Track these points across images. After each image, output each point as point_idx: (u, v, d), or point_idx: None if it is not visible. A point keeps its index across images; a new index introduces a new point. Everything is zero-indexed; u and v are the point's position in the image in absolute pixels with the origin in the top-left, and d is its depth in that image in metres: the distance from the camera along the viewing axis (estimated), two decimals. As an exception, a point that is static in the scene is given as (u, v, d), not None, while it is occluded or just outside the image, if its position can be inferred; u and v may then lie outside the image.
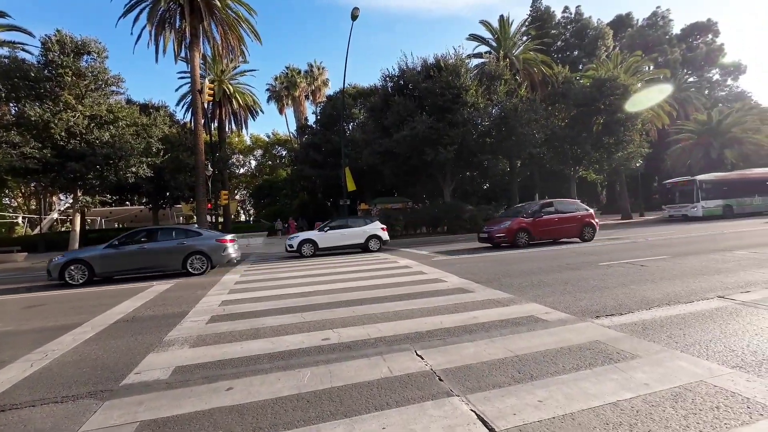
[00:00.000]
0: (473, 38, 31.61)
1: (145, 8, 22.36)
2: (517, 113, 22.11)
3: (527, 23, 34.37)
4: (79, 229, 19.78)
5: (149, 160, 19.48)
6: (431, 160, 21.25)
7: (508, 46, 30.07)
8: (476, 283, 7.12)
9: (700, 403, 2.53)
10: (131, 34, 25.00)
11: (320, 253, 14.78)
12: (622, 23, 44.81)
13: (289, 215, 37.02)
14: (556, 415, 2.47)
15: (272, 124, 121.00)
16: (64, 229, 43.12)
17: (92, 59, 18.39)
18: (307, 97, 49.90)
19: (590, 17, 41.80)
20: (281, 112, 49.92)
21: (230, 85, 35.35)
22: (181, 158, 26.48)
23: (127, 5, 22.44)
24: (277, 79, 48.37)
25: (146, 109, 25.37)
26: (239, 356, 3.92)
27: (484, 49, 31.12)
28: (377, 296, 6.39)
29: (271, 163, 53.41)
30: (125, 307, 6.81)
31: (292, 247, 14.67)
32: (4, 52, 19.85)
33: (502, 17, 30.21)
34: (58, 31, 17.63)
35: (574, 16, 43.06)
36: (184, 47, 23.85)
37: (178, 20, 23.15)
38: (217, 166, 27.93)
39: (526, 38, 32.82)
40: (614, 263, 8.51)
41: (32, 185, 26.24)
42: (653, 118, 30.99)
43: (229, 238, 11.59)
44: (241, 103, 36.15)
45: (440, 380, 3.09)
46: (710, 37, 46.13)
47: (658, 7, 46.70)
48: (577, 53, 41.26)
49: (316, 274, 9.55)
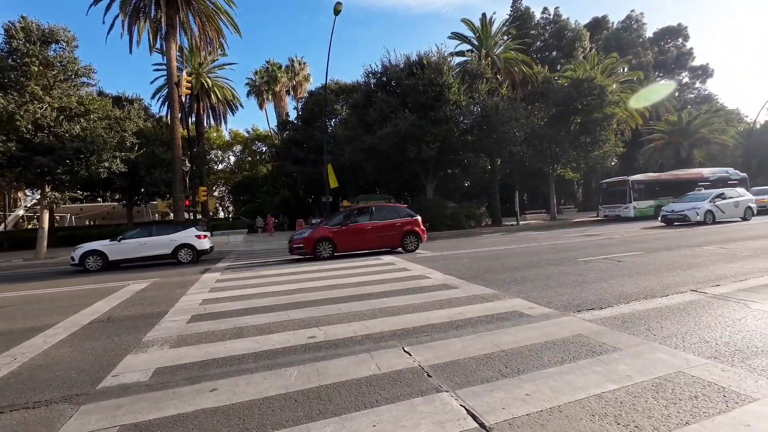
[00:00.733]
0: (455, 36, 31.79)
1: (117, -4, 21.50)
2: (498, 112, 22.40)
3: (508, 23, 34.80)
4: (47, 226, 18.91)
5: (123, 154, 18.76)
6: (414, 157, 21.31)
7: (489, 45, 30.39)
8: (460, 279, 7.18)
9: (679, 393, 2.62)
10: (103, 23, 23.86)
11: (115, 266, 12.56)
12: (598, 25, 45.99)
13: (269, 212, 36.47)
14: (543, 408, 2.51)
15: (252, 119, 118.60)
16: (30, 226, 41.17)
17: (61, 48, 17.53)
18: (288, 92, 49.15)
19: (568, 19, 42.73)
20: (261, 107, 49.00)
21: (208, 78, 34.46)
22: (156, 153, 25.63)
23: (98, -7, 21.53)
24: (257, 73, 47.41)
25: (119, 101, 24.45)
26: (223, 356, 3.83)
27: (466, 47, 31.35)
28: (362, 293, 6.36)
29: (251, 159, 52.39)
30: (99, 307, 6.55)
31: (74, 260, 12.22)
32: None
33: (484, 16, 30.49)
34: (23, 17, 16.71)
35: (552, 17, 43.92)
36: (159, 38, 23.07)
37: (153, 10, 22.36)
38: (194, 161, 27.17)
39: (507, 38, 33.24)
40: (593, 259, 8.75)
41: (-5, 180, 24.92)
42: (627, 118, 32.02)
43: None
44: (219, 97, 35.30)
45: (429, 376, 3.09)
46: (680, 41, 47.97)
47: (632, 10, 48.22)
48: (555, 54, 42.12)
49: (299, 271, 9.43)
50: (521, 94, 27.75)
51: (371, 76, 24.66)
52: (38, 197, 19.25)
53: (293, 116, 41.82)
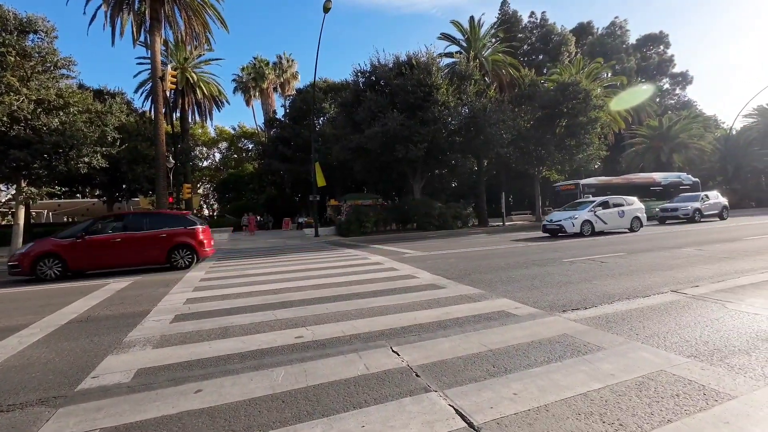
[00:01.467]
0: (444, 37, 31.98)
1: (99, -13, 20.92)
2: (485, 113, 22.62)
3: (496, 26, 35.20)
4: (23, 222, 18.26)
5: (104, 149, 18.24)
6: (402, 157, 21.35)
7: (478, 47, 30.66)
8: (448, 279, 7.22)
9: (661, 391, 2.68)
10: (84, 13, 23.19)
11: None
12: (583, 31, 46.88)
13: (255, 210, 36.00)
14: (531, 407, 2.53)
15: (238, 116, 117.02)
16: (5, 222, 39.74)
17: (39, 39, 16.91)
18: (275, 89, 48.66)
19: (554, 23, 43.46)
20: (248, 104, 48.41)
21: (194, 73, 33.82)
22: (139, 149, 25.05)
23: (79, -18, 20.91)
24: (244, 69, 46.79)
25: (101, 95, 23.79)
26: (208, 356, 3.75)
27: (454, 49, 31.57)
28: (350, 293, 6.33)
29: (237, 156, 51.66)
30: (78, 306, 6.35)
31: None
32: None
33: (472, 18, 30.76)
34: (-2, 5, 16.11)
35: (539, 21, 44.58)
36: (144, 31, 22.56)
37: (137, 2, 21.83)
38: (179, 158, 26.66)
39: (495, 40, 33.60)
40: (577, 260, 8.91)
41: (-32, 174, 23.97)
42: (611, 122, 32.72)
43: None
44: (205, 92, 34.69)
45: (417, 376, 3.09)
46: (662, 48, 49.28)
47: (616, 17, 49.46)
48: (542, 57, 42.78)
49: (286, 270, 9.34)
50: (508, 96, 28.07)
51: (360, 75, 24.61)
52: (14, 192, 18.58)
53: (281, 114, 41.46)
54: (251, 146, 49.54)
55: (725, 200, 21.78)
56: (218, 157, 53.12)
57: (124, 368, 3.55)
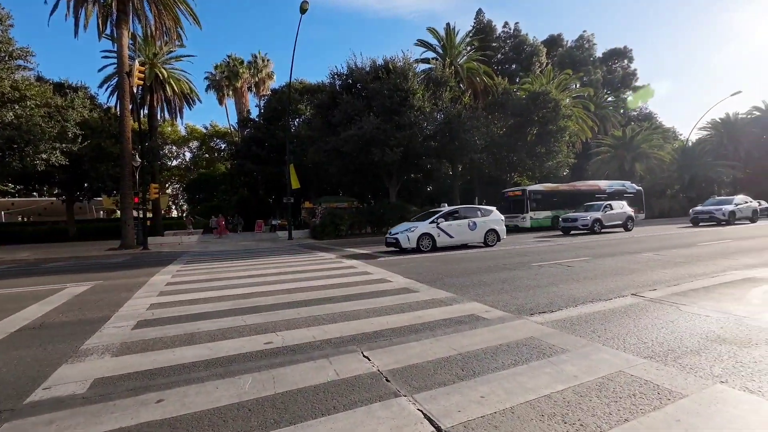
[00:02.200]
0: (421, 44, 32.41)
1: (62, -25, 19.88)
2: (460, 119, 23.05)
3: (471, 34, 35.98)
4: (-29, 222, 17.03)
5: (64, 146, 17.34)
6: (378, 160, 21.40)
7: (453, 54, 31.24)
8: (420, 283, 7.28)
9: (620, 391, 2.80)
10: (45, 2, 21.85)
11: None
12: (554, 42, 48.68)
13: (227, 212, 35.06)
14: (497, 410, 2.58)
15: (211, 115, 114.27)
16: (-50, 221, 37.02)
17: (-7, 27, 15.94)
18: (249, 89, 47.73)
19: (527, 34, 44.86)
20: (221, 102, 47.28)
21: (164, 69, 32.64)
22: (103, 146, 23.92)
23: (39, -31, 19.78)
24: (217, 67, 45.67)
25: (61, 89, 22.61)
26: (171, 364, 3.61)
27: (430, 55, 32.07)
28: (323, 297, 6.27)
29: (208, 156, 50.23)
30: (32, 312, 5.98)
31: None
32: None
33: (448, 26, 31.34)
34: (-52, -10, 15.06)
35: (512, 31, 45.94)
36: (110, 24, 21.57)
37: (103, -7, 20.86)
38: (146, 156, 25.64)
39: (470, 48, 34.34)
40: (545, 264, 9.19)
41: None
42: (579, 131, 34.08)
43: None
44: (176, 89, 33.52)
45: (387, 381, 3.09)
46: (626, 62, 51.86)
47: (584, 31, 51.64)
48: (514, 67, 44.06)
49: (257, 274, 9.14)
50: (482, 103, 28.76)
51: (337, 77, 24.55)
52: (-39, 190, 17.32)
53: (255, 114, 40.70)
54: (224, 146, 48.32)
55: (631, 210, 20.46)
56: (189, 156, 51.47)
57: (79, 378, 3.36)
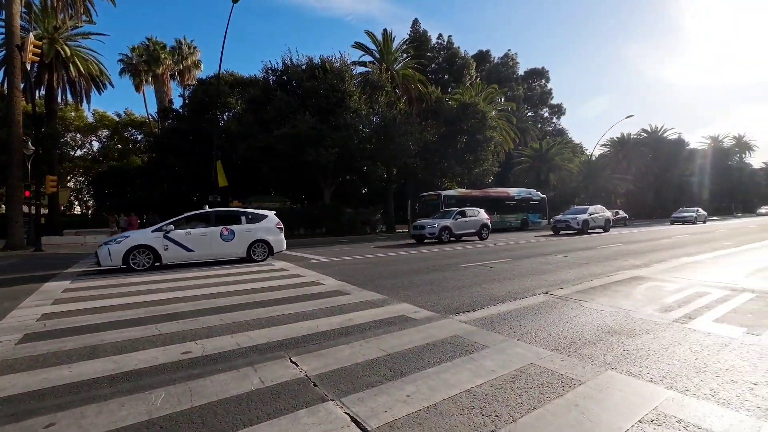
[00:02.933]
0: (358, 46, 32.56)
1: None
2: (395, 124, 23.60)
3: (407, 42, 37.08)
4: None
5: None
6: (312, 160, 21.06)
7: (390, 60, 31.87)
8: (353, 285, 7.29)
9: (530, 382, 3.07)
10: None
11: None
12: (483, 58, 52.09)
13: (144, 209, 31.85)
14: (422, 407, 2.68)
15: (126, 101, 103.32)
16: None
17: None
18: (173, 76, 44.04)
19: (459, 48, 47.45)
20: (138, 89, 42.93)
21: (67, 46, 28.69)
22: (-16, 129, 20.34)
23: None
24: (134, 50, 41.42)
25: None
26: (66, 383, 3.18)
27: (368, 59, 32.34)
28: (250, 302, 5.98)
29: (121, 147, 45.22)
30: None
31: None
32: None
33: (385, 31, 31.89)
34: None
35: (446, 43, 48.25)
36: (-4, -13, 18.46)
37: (-12, -50, 17.82)
38: (42, 143, 22.33)
39: (406, 56, 35.31)
40: (470, 265, 9.76)
41: None
42: (503, 142, 36.82)
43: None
44: (81, 70, 29.64)
45: (315, 386, 3.04)
46: (543, 81, 57.28)
47: (509, 49, 55.92)
48: (447, 77, 46.27)
49: (177, 278, 8.43)
50: (416, 110, 29.75)
51: (271, 72, 23.74)
52: None
53: (178, 104, 37.64)
54: (140, 137, 43.90)
55: (487, 218, 19.30)
56: (97, 146, 45.85)
57: (-60, 406, 2.81)
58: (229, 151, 27.03)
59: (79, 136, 43.33)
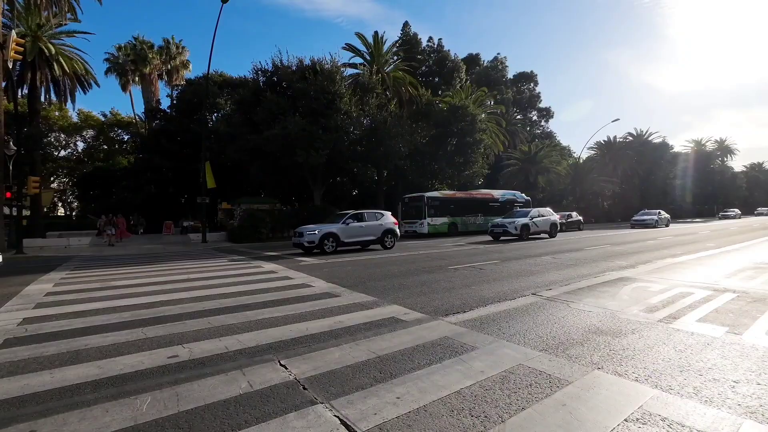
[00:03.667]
0: (349, 48, 32.53)
1: None
2: (386, 126, 23.62)
3: (398, 45, 37.18)
4: None
5: None
6: (302, 162, 20.94)
7: (380, 62, 31.92)
8: (343, 287, 7.26)
9: (519, 382, 3.10)
10: None
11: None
12: (473, 61, 52.47)
13: (129, 211, 31.26)
14: (411, 409, 2.68)
15: (112, 102, 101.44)
16: None
17: None
18: (160, 76, 43.38)
19: (449, 51, 47.65)
20: (125, 89, 42.19)
21: (51, 45, 28.10)
22: (-37, 128, 19.74)
23: None
24: (120, 49, 40.70)
25: None
26: (48, 389, 3.10)
27: (358, 60, 32.33)
28: (238, 304, 5.92)
29: (107, 147, 44.34)
30: None
31: None
32: None
33: (376, 34, 31.93)
34: None
35: (436, 46, 48.46)
36: (-23, -17, 18.00)
37: (-31, -55, 17.37)
38: (24, 143, 21.81)
39: (396, 58, 35.41)
40: (460, 267, 9.81)
41: None
42: (492, 144, 37.13)
43: None
44: (66, 69, 29.03)
45: (304, 389, 3.02)
46: (532, 85, 57.90)
47: (498, 53, 56.84)
48: (437, 80, 46.45)
49: (163, 281, 8.30)
50: (407, 112, 29.82)
51: (261, 73, 23.59)
52: None
53: (166, 104, 37.17)
54: (127, 137, 43.13)
55: (394, 222, 16.11)
56: (82, 146, 44.87)
57: None
58: (218, 152, 26.75)
59: (63, 136, 42.35)
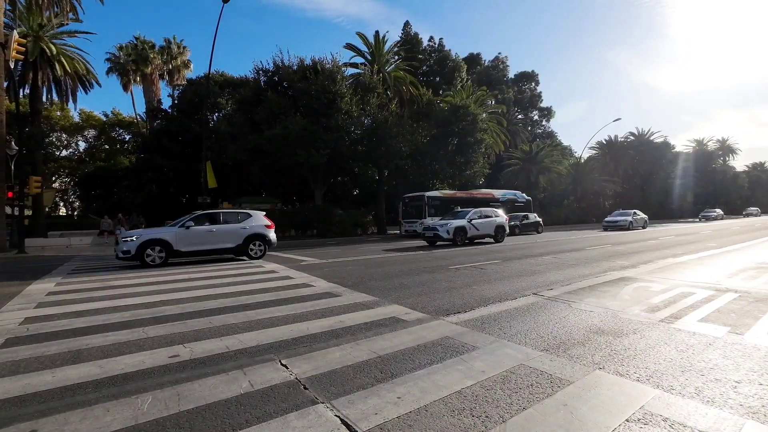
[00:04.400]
0: (350, 48, 32.54)
1: None
2: (387, 126, 23.62)
3: (399, 45, 37.15)
4: None
5: None
6: (303, 161, 20.96)
7: (381, 62, 31.91)
8: (344, 287, 7.26)
9: (520, 382, 3.09)
10: None
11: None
12: (473, 60, 52.43)
13: (129, 211, 31.29)
14: (412, 409, 2.68)
15: (113, 101, 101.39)
16: None
17: None
18: (162, 76, 43.38)
19: (450, 50, 47.62)
20: (126, 89, 42.18)
21: (53, 44, 28.16)
22: (-35, 128, 19.79)
23: None
24: (122, 49, 40.71)
25: None
26: (49, 388, 3.11)
27: (359, 60, 32.35)
28: (239, 304, 5.92)
29: (108, 147, 44.40)
30: None
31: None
32: None
33: (377, 33, 31.93)
34: None
35: (437, 46, 48.42)
36: (-21, -17, 18.03)
37: (-30, -55, 17.40)
38: (26, 143, 21.86)
39: (397, 58, 35.41)
40: (461, 266, 9.80)
41: None
42: (493, 144, 37.10)
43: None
44: (67, 69, 29.09)
45: (305, 389, 3.02)
46: (533, 85, 57.83)
47: (499, 53, 56.74)
48: (438, 79, 46.43)
49: (165, 281, 8.31)
50: (408, 112, 29.82)
51: (262, 73, 23.62)
52: None
53: (167, 104, 37.21)
54: (128, 137, 43.19)
55: (263, 224, 13.97)
56: (83, 146, 44.94)
57: None
58: (219, 152, 26.76)
59: (64, 136, 42.43)
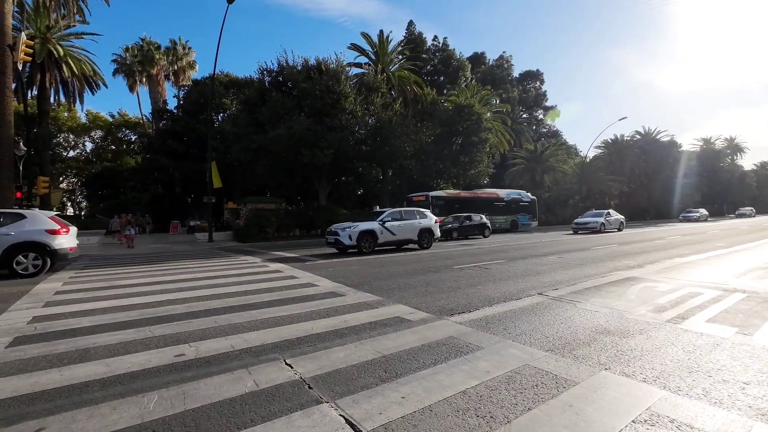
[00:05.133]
0: (354, 48, 32.59)
1: None
2: (391, 125, 23.58)
3: (403, 44, 37.10)
4: None
5: None
6: (308, 161, 20.99)
7: (385, 61, 31.91)
8: (348, 286, 7.27)
9: (525, 382, 3.08)
10: None
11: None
12: (478, 60, 52.27)
13: (134, 211, 31.56)
14: (416, 409, 2.67)
15: (119, 102, 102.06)
16: None
17: None
18: (167, 77, 43.73)
19: (454, 50, 47.50)
20: (132, 90, 42.56)
21: (60, 46, 28.45)
22: (-26, 129, 20.03)
23: None
24: (128, 50, 41.07)
25: None
26: (57, 386, 3.14)
27: (363, 60, 32.39)
28: (244, 304, 5.95)
29: (115, 147, 44.81)
30: None
31: None
32: None
33: (381, 33, 31.94)
34: None
35: (441, 45, 48.33)
36: (-13, -14, 18.23)
37: (-21, -51, 17.61)
38: (34, 144, 22.11)
39: (401, 57, 35.37)
40: (465, 266, 9.77)
41: None
42: (498, 143, 36.96)
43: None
44: (75, 70, 29.40)
45: (310, 388, 3.03)
46: (538, 84, 57.57)
47: (504, 52, 56.46)
48: (442, 79, 46.33)
49: (169, 280, 8.37)
50: (412, 111, 29.76)
51: (266, 73, 23.66)
52: None
53: (173, 105, 37.40)
54: (134, 138, 43.53)
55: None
56: (90, 147, 45.36)
57: (-73, 411, 2.76)
58: (223, 152, 26.91)
59: (71, 136, 42.86)
